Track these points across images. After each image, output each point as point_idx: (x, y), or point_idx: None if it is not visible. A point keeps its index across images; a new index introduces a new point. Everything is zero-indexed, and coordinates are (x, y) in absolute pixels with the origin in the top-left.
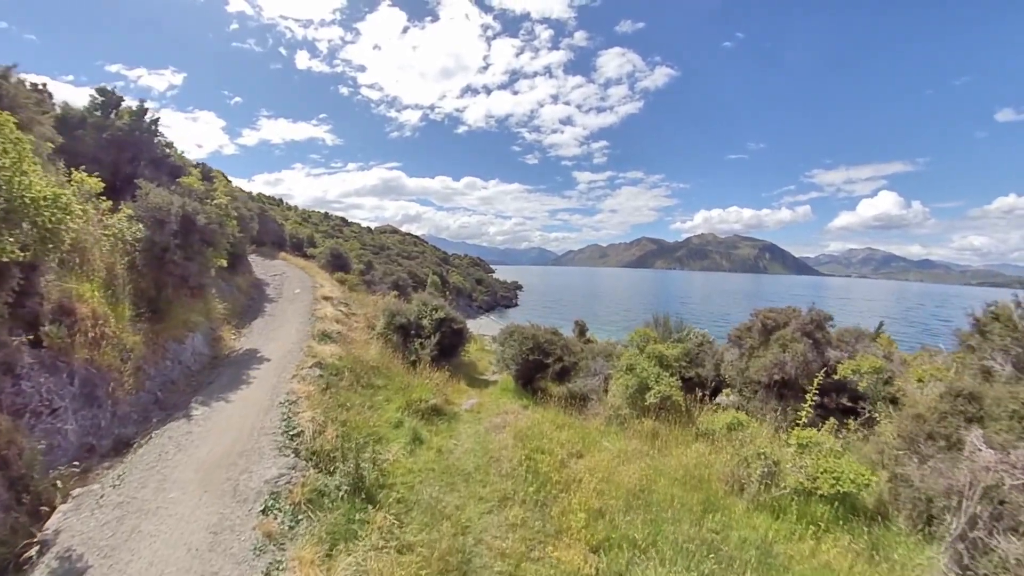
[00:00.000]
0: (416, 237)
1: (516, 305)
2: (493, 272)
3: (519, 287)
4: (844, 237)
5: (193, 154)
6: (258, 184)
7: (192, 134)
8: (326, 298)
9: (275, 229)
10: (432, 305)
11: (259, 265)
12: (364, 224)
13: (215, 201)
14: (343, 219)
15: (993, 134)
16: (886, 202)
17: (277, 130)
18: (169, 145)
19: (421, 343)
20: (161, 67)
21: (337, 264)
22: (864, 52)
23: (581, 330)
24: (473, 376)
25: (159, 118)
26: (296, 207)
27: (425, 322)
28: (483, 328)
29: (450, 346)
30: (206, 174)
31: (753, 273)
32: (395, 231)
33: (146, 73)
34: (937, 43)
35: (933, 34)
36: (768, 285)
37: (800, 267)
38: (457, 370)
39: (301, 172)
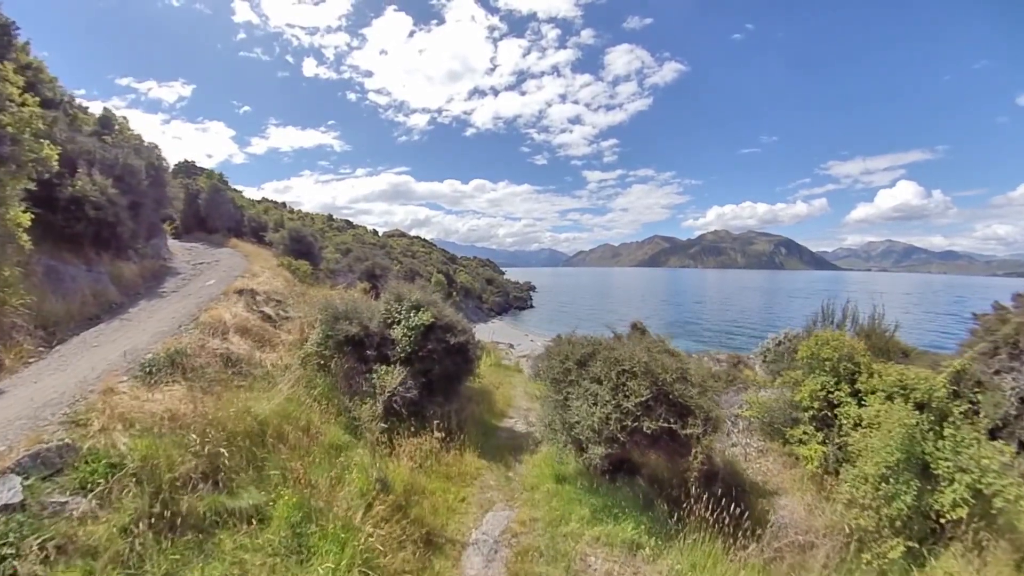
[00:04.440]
0: (425, 240)
1: (531, 307)
2: (503, 274)
3: (532, 288)
4: (862, 230)
5: (203, 164)
6: (267, 192)
7: (202, 144)
8: (241, 292)
9: (231, 213)
10: (412, 301)
11: (196, 253)
12: (371, 228)
13: (16, 106)
14: (347, 222)
15: (1015, 119)
16: (905, 192)
17: (286, 138)
18: (32, 66)
19: (379, 376)
20: (171, 79)
21: (299, 251)
22: (879, 39)
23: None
24: (488, 424)
25: (13, 22)
26: (300, 211)
27: (397, 332)
28: (497, 334)
29: (444, 377)
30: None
31: (769, 269)
32: (403, 235)
33: (156, 85)
34: (955, 28)
35: (950, 18)
36: (787, 281)
37: (818, 262)
38: (459, 415)
39: (310, 179)
